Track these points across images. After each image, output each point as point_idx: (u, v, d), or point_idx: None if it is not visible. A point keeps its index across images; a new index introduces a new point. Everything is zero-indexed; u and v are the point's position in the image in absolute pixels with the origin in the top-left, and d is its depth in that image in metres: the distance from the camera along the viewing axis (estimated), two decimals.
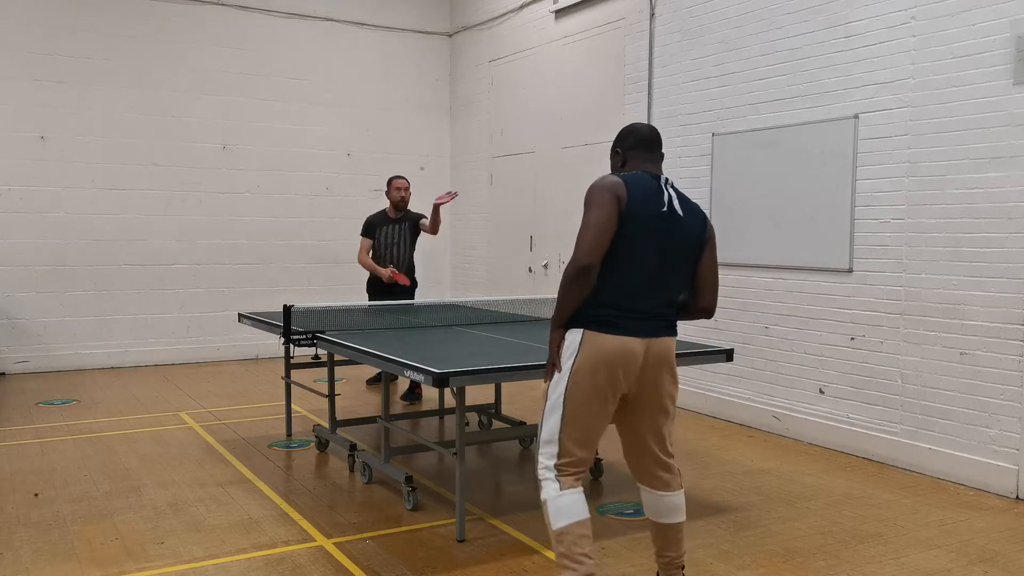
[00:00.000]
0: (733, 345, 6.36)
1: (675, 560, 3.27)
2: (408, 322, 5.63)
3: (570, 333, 3.05)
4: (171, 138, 8.98)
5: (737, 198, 6.49)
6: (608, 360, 2.98)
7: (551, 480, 3.03)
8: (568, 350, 3.03)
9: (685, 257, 3.13)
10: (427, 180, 10.48)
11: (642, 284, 3.03)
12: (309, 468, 5.26)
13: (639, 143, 3.22)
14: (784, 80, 6.07)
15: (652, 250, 3.02)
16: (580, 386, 3.00)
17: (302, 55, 9.63)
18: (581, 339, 3.01)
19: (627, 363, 3.01)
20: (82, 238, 8.63)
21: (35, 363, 8.50)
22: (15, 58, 8.24)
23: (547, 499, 3.02)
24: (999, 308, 4.83)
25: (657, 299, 3.07)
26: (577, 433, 3.03)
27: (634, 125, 3.28)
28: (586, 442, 3.06)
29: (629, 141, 3.23)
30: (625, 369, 3.01)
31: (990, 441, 4.88)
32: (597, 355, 2.98)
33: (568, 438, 3.02)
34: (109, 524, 4.22)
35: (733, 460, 5.52)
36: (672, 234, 3.06)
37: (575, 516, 2.98)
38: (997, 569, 3.78)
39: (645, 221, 3.00)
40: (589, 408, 3.01)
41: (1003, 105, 4.78)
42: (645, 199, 3.02)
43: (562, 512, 2.98)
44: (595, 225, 2.94)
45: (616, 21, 7.74)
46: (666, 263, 3.07)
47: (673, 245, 3.07)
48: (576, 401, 3.00)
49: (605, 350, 2.98)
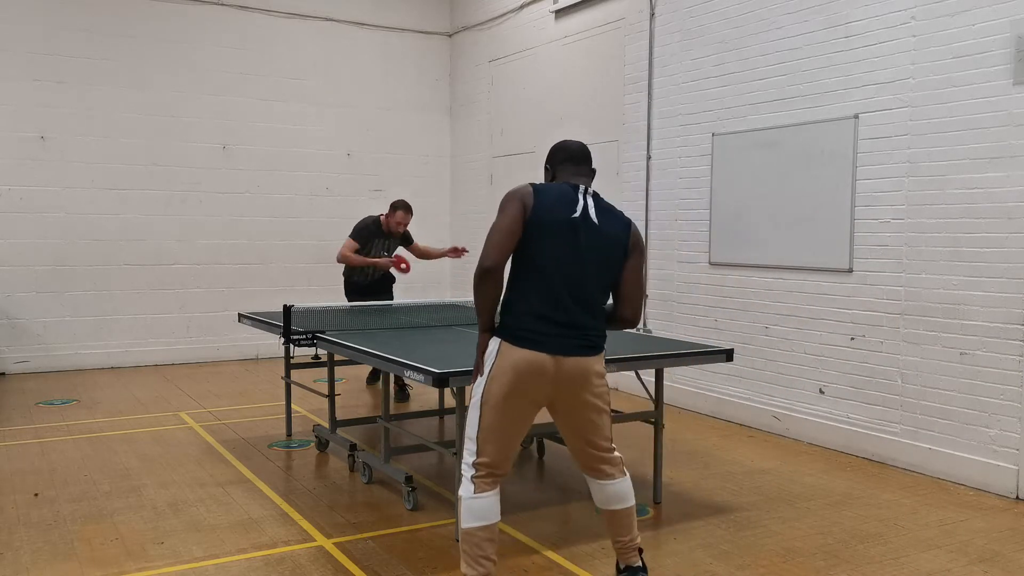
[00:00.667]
0: (733, 345, 6.36)
1: (629, 543, 3.38)
2: (408, 322, 5.63)
3: (492, 340, 3.17)
4: (171, 138, 8.98)
5: (737, 198, 6.49)
6: (518, 372, 3.08)
7: (467, 480, 3.17)
8: (488, 358, 3.16)
9: (604, 265, 3.16)
10: (428, 180, 10.49)
11: (556, 293, 3.08)
12: (309, 468, 5.27)
13: (567, 158, 3.30)
14: (784, 80, 6.07)
15: (565, 257, 3.08)
16: (494, 392, 3.11)
17: (302, 55, 9.63)
18: (498, 348, 3.12)
19: (535, 377, 3.09)
20: (82, 238, 8.63)
21: (35, 363, 8.50)
22: (15, 58, 8.24)
23: (461, 497, 3.17)
24: (999, 308, 4.83)
25: (574, 310, 3.11)
26: (491, 435, 3.15)
27: (564, 142, 3.35)
28: (500, 444, 3.17)
29: (559, 157, 3.31)
30: (535, 382, 3.10)
31: (990, 441, 4.88)
32: (508, 366, 3.09)
33: (483, 439, 3.16)
34: (109, 524, 4.22)
35: (733, 460, 5.52)
36: (587, 241, 3.11)
37: (485, 519, 3.13)
38: (997, 569, 3.78)
39: (553, 227, 3.07)
40: (502, 413, 3.13)
41: (1003, 105, 4.78)
42: (554, 206, 3.09)
43: (473, 513, 3.13)
44: (499, 229, 3.04)
45: (616, 21, 7.74)
46: (583, 272, 3.11)
47: (589, 253, 3.11)
48: (490, 405, 3.13)
49: (514, 362, 3.08)
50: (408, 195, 10.34)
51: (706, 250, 6.79)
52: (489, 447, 3.16)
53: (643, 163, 7.40)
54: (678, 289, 7.07)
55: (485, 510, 3.14)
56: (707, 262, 6.78)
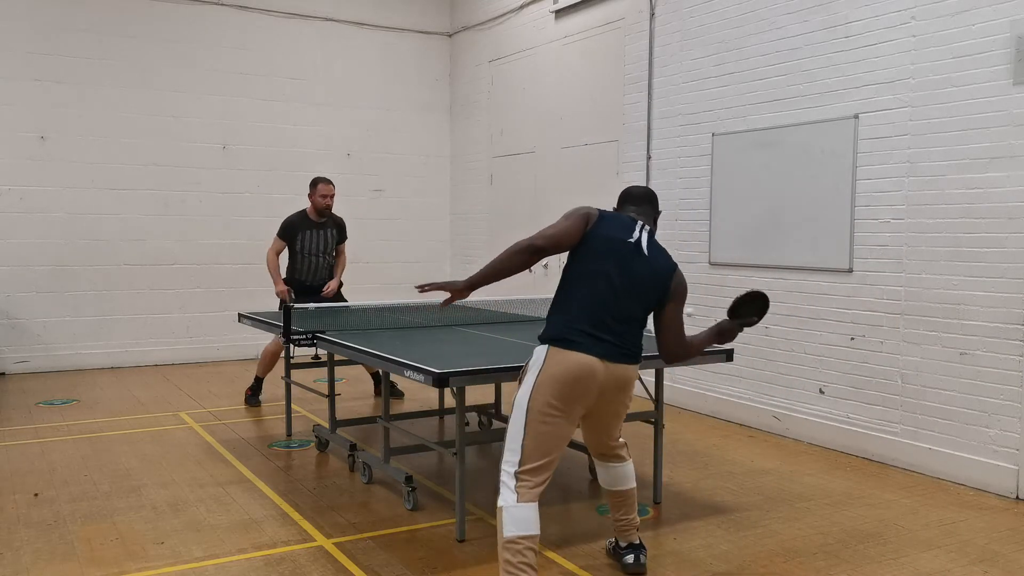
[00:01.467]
0: (733, 345, 6.32)
1: (630, 521, 3.67)
2: (408, 322, 5.63)
3: (537, 349, 3.29)
4: (171, 138, 8.98)
5: (737, 198, 6.49)
6: (568, 375, 3.18)
7: (510, 490, 3.18)
8: (534, 364, 3.26)
9: (646, 292, 3.33)
10: (428, 180, 10.49)
11: (605, 304, 3.25)
12: (309, 468, 5.26)
13: (627, 199, 3.59)
14: (784, 80, 6.07)
15: (616, 274, 3.26)
16: (543, 398, 3.18)
17: (302, 55, 9.63)
18: (546, 355, 3.23)
19: (587, 379, 3.20)
20: (82, 238, 8.63)
21: (35, 363, 8.50)
22: (15, 58, 8.24)
23: (503, 506, 3.17)
24: (999, 308, 4.83)
25: (620, 322, 3.27)
26: (537, 443, 3.19)
27: (630, 188, 3.64)
28: (545, 452, 3.21)
29: (621, 198, 3.62)
30: (585, 385, 3.21)
31: (990, 441, 4.88)
32: (558, 371, 3.18)
33: (529, 447, 3.19)
34: (109, 524, 4.22)
35: (733, 460, 5.52)
36: (636, 265, 3.30)
37: (527, 529, 3.14)
38: (997, 569, 3.78)
39: (609, 243, 3.29)
40: (549, 420, 3.19)
41: (1003, 105, 4.78)
42: (612, 227, 3.34)
43: (516, 522, 3.13)
44: (560, 227, 3.28)
45: (616, 21, 7.74)
46: (629, 291, 3.29)
47: (636, 276, 3.30)
48: (537, 411, 3.19)
49: (566, 366, 3.18)
50: (408, 195, 10.40)
51: (706, 250, 6.79)
52: (535, 455, 3.19)
53: (643, 163, 7.40)
54: None
55: (528, 519, 3.14)
56: (707, 262, 6.78)
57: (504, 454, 3.25)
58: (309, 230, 7.02)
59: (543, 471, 3.22)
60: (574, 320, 3.23)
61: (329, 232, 7.09)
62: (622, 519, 3.67)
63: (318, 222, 7.02)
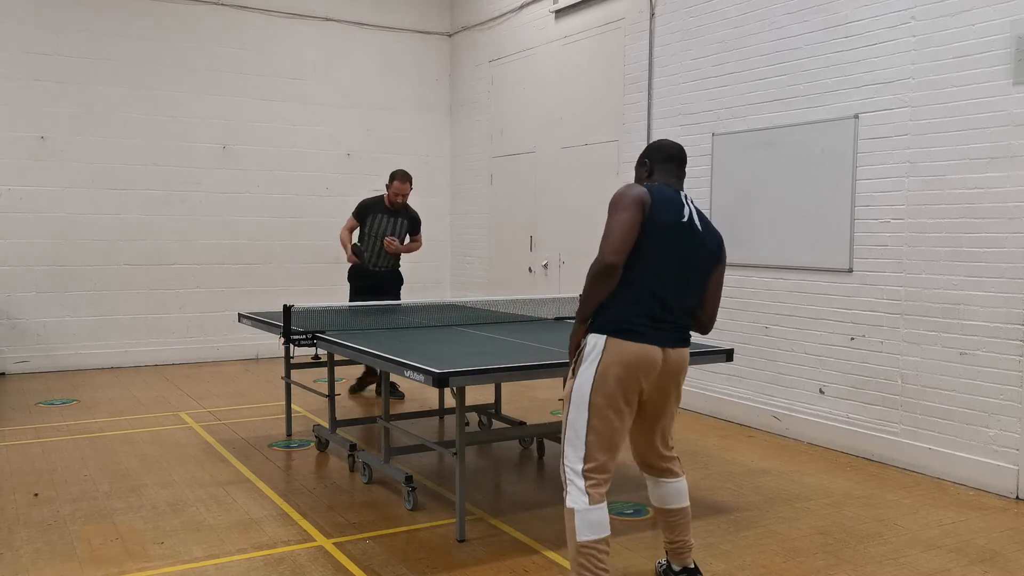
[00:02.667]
0: (733, 345, 6.35)
1: (685, 543, 3.44)
2: (408, 322, 5.63)
3: (592, 337, 3.14)
4: (171, 138, 8.98)
5: (737, 198, 6.49)
6: (630, 366, 3.09)
7: (580, 491, 3.09)
8: (591, 355, 3.12)
9: (701, 269, 3.27)
10: (428, 180, 10.48)
11: (664, 292, 3.15)
12: (309, 468, 5.26)
13: (668, 159, 3.35)
14: (784, 80, 6.07)
15: (673, 258, 3.16)
16: (603, 391, 3.09)
17: (302, 55, 9.63)
18: (604, 345, 3.10)
19: (647, 370, 3.13)
20: (82, 238, 8.63)
21: (35, 363, 8.50)
22: (15, 58, 8.24)
23: (575, 509, 3.08)
24: (999, 308, 4.83)
25: (677, 308, 3.20)
26: (601, 437, 3.11)
27: (664, 141, 3.42)
28: (610, 447, 3.14)
29: (658, 156, 3.37)
30: (645, 375, 3.14)
31: (990, 441, 4.88)
32: (620, 361, 3.08)
33: (593, 442, 3.10)
34: (109, 524, 4.22)
35: (733, 460, 5.52)
36: (691, 245, 3.21)
37: (601, 532, 3.07)
38: (997, 569, 3.78)
39: (667, 229, 3.14)
40: (611, 412, 3.10)
41: (1003, 105, 4.78)
42: (666, 210, 3.17)
43: (591, 526, 3.05)
44: (621, 226, 3.06)
45: (616, 21, 7.74)
46: (686, 273, 3.21)
47: (692, 256, 3.22)
48: (600, 405, 3.09)
49: (627, 356, 3.09)
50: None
51: None
52: (600, 449, 3.11)
53: None
54: None
55: (602, 521, 3.07)
56: None
57: (565, 451, 3.16)
58: (382, 214, 7.15)
59: (609, 465, 3.15)
60: (631, 310, 3.11)
61: (400, 220, 7.18)
62: (676, 541, 3.44)
63: (392, 209, 7.14)
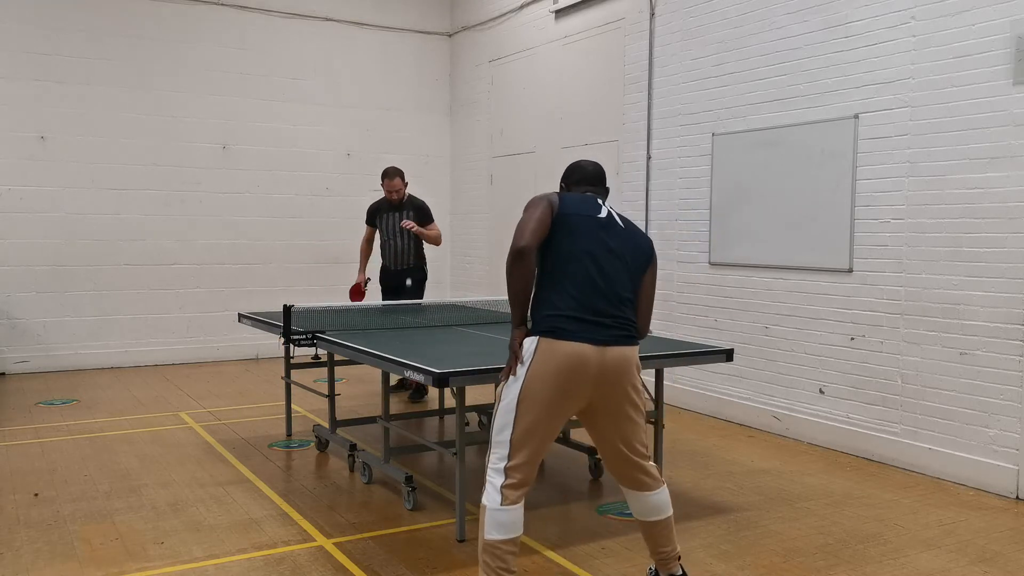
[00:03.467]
0: (733, 345, 6.36)
1: (670, 554, 3.35)
2: (408, 322, 5.63)
3: (527, 340, 3.11)
4: (171, 138, 8.98)
5: (737, 198, 6.49)
6: (561, 367, 3.03)
7: (495, 489, 3.07)
8: (524, 356, 3.09)
9: (627, 262, 3.21)
10: (428, 180, 10.49)
11: (590, 286, 3.10)
12: (309, 468, 5.26)
13: (582, 179, 3.43)
14: (784, 80, 6.07)
15: (596, 252, 3.14)
16: (533, 392, 3.04)
17: (302, 55, 9.63)
18: (536, 346, 3.06)
19: (580, 369, 3.04)
20: (82, 238, 8.63)
21: (35, 363, 8.50)
22: (15, 58, 8.24)
23: (487, 506, 3.07)
24: (999, 308, 4.83)
25: (608, 302, 3.12)
26: (527, 437, 3.07)
27: (579, 163, 3.49)
28: (534, 448, 3.09)
29: (574, 177, 3.45)
30: (579, 376, 3.05)
31: (990, 441, 4.88)
32: (551, 361, 3.03)
33: (518, 442, 3.07)
34: (109, 524, 4.22)
35: (733, 460, 5.52)
36: (616, 241, 3.20)
37: (510, 532, 3.05)
38: (997, 569, 3.78)
39: (580, 222, 3.16)
40: (540, 414, 3.06)
41: (1003, 105, 4.78)
42: (579, 206, 3.21)
43: (499, 525, 3.04)
44: (530, 218, 3.11)
45: (616, 21, 7.74)
46: (610, 263, 3.15)
47: (615, 247, 3.18)
48: (527, 407, 3.05)
49: (558, 356, 3.03)
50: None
51: (706, 250, 6.79)
52: (523, 451, 3.07)
53: (643, 163, 7.40)
54: (678, 289, 7.06)
55: (511, 522, 3.05)
56: (707, 262, 6.78)
57: (491, 449, 3.13)
58: (388, 212, 7.20)
59: (530, 468, 3.10)
60: (560, 308, 3.07)
61: (405, 214, 7.14)
62: (661, 551, 3.33)
63: (396, 205, 7.14)
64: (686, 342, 5.15)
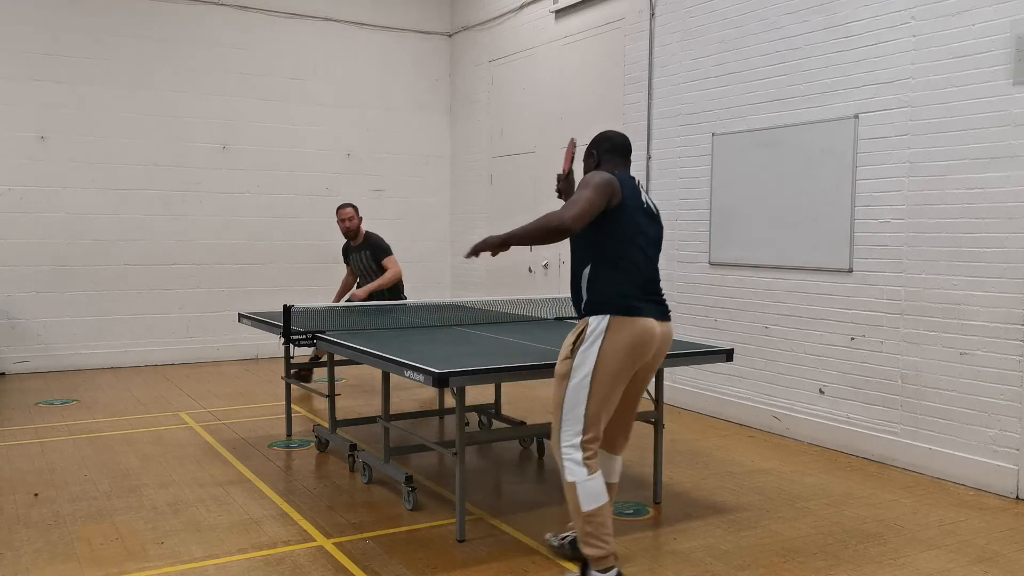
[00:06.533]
0: (733, 345, 6.36)
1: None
2: (408, 322, 5.63)
3: (594, 319, 3.35)
4: (171, 138, 8.98)
5: (737, 198, 6.49)
6: (635, 340, 3.33)
7: (578, 463, 3.32)
8: (592, 334, 3.33)
9: (658, 248, 3.58)
10: (428, 180, 10.50)
11: (645, 267, 3.44)
12: (309, 468, 5.27)
13: (612, 148, 3.60)
14: (784, 80, 6.07)
15: (643, 237, 3.45)
16: (607, 368, 3.31)
17: (302, 55, 9.63)
18: (608, 324, 3.32)
19: (647, 343, 3.38)
20: (82, 238, 8.63)
21: (35, 363, 8.50)
22: (15, 58, 8.24)
23: (576, 482, 3.31)
24: (999, 308, 4.83)
25: (656, 282, 3.50)
26: (598, 410, 3.35)
27: (611, 132, 3.66)
28: (605, 419, 3.41)
29: (605, 146, 3.61)
30: (647, 347, 3.38)
31: (990, 441, 4.88)
32: (624, 336, 3.31)
33: (594, 415, 3.34)
34: (109, 524, 4.22)
35: (733, 460, 5.52)
36: (651, 227, 3.51)
37: (602, 499, 3.33)
38: (997, 569, 3.78)
39: (636, 213, 3.42)
40: (611, 387, 3.35)
41: (1003, 105, 4.78)
42: (633, 195, 3.45)
43: (593, 496, 3.30)
44: (590, 201, 3.26)
45: (616, 21, 7.74)
46: (653, 250, 3.52)
47: (652, 236, 3.52)
48: (602, 382, 3.32)
49: (631, 332, 3.32)
50: (408, 195, 10.40)
51: (706, 250, 6.79)
52: (598, 422, 3.35)
53: (643, 163, 7.40)
54: (678, 289, 7.06)
55: (601, 489, 3.32)
56: (707, 262, 6.78)
57: (562, 427, 3.35)
58: (354, 252, 7.40)
59: (599, 436, 3.39)
60: (627, 288, 3.35)
61: (364, 254, 7.33)
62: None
63: (357, 245, 7.34)
64: (686, 342, 5.15)
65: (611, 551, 3.32)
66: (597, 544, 3.30)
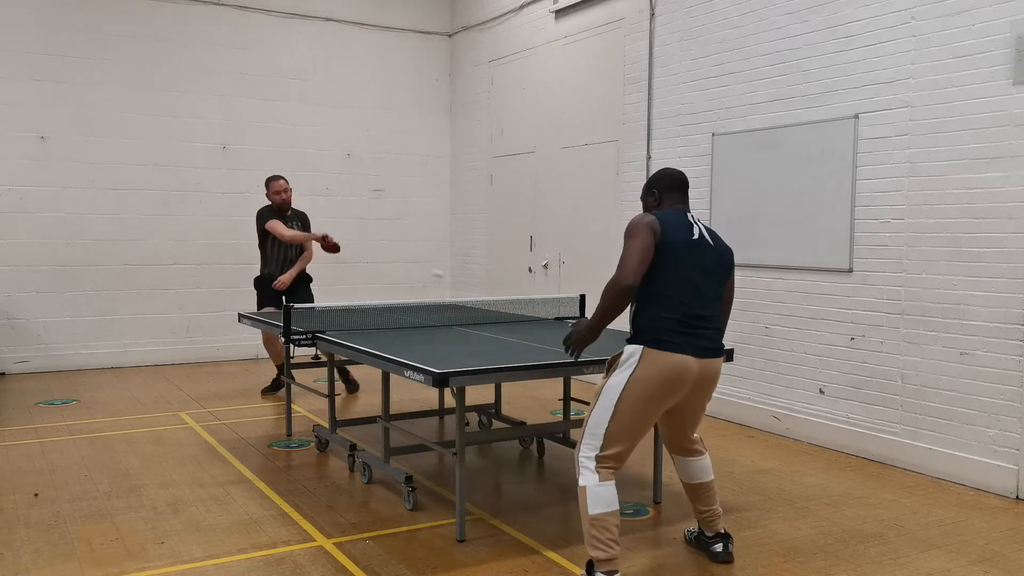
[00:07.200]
0: (733, 345, 6.35)
1: (715, 511, 3.82)
2: (408, 322, 5.63)
3: (629, 348, 3.42)
4: (171, 138, 8.98)
5: (737, 198, 6.49)
6: (665, 375, 3.36)
7: (590, 470, 3.39)
8: (627, 361, 3.40)
9: (719, 278, 3.57)
10: (428, 180, 10.49)
11: (690, 302, 3.43)
12: (309, 468, 5.26)
13: (671, 187, 3.68)
14: (784, 80, 6.07)
15: (691, 271, 3.44)
16: (634, 396, 3.36)
17: (302, 55, 9.63)
18: (641, 354, 3.37)
19: (681, 379, 3.39)
20: (82, 238, 8.63)
21: (35, 363, 8.50)
22: (15, 58, 8.24)
23: (586, 486, 3.37)
24: (999, 308, 4.83)
25: (704, 316, 3.47)
26: (623, 434, 3.40)
27: (669, 170, 3.74)
28: (629, 442, 3.43)
29: (663, 184, 3.69)
30: (680, 385, 3.40)
31: (990, 441, 4.88)
32: (656, 372, 3.35)
33: (613, 436, 3.39)
34: (109, 524, 4.22)
35: (733, 460, 5.52)
36: (707, 258, 3.50)
37: (610, 506, 3.36)
38: (997, 569, 3.78)
39: (679, 247, 3.44)
40: (637, 416, 3.39)
41: (1003, 105, 4.78)
42: (677, 231, 3.47)
43: (602, 500, 3.35)
44: (637, 250, 3.35)
45: (616, 21, 7.74)
46: (704, 283, 3.49)
47: (710, 267, 3.51)
48: (626, 408, 3.37)
49: (662, 367, 3.35)
50: (408, 195, 10.40)
51: None
52: (617, 444, 3.39)
53: (643, 163, 7.40)
54: None
55: (612, 497, 3.37)
56: None
57: (583, 438, 3.42)
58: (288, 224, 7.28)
59: (623, 457, 3.43)
60: (664, 322, 3.38)
61: (294, 226, 7.31)
62: (706, 510, 3.82)
63: (286, 214, 7.28)
64: None
65: (614, 556, 3.35)
66: (601, 547, 3.33)
